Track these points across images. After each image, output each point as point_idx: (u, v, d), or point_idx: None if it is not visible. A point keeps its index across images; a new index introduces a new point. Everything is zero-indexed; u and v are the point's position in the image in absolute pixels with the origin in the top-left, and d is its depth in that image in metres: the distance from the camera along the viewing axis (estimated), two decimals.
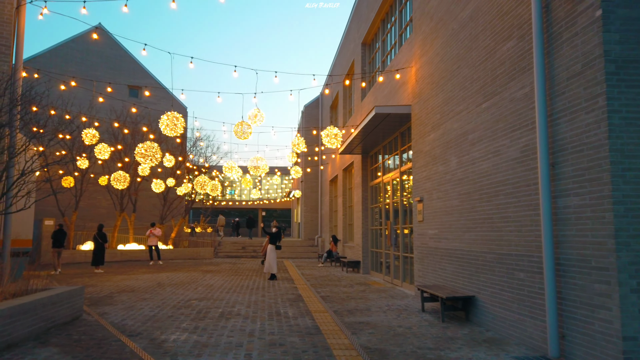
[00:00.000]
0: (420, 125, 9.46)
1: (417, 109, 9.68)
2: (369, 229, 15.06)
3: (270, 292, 10.52)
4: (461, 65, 7.50)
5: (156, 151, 10.98)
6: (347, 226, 19.15)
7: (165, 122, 8.60)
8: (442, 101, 8.26)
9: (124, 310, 7.91)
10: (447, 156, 7.98)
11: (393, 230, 12.26)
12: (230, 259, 22.43)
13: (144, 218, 25.39)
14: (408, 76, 10.31)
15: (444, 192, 8.14)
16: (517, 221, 5.72)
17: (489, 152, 6.48)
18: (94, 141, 11.01)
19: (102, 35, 26.85)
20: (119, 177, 16.11)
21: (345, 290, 10.83)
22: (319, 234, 26.07)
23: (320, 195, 26.29)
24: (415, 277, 9.70)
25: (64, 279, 12.98)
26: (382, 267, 13.38)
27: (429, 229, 8.86)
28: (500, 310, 6.15)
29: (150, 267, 17.02)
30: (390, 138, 12.58)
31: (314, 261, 20.77)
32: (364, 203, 15.15)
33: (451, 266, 7.80)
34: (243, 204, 46.81)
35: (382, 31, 13.94)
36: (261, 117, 9.53)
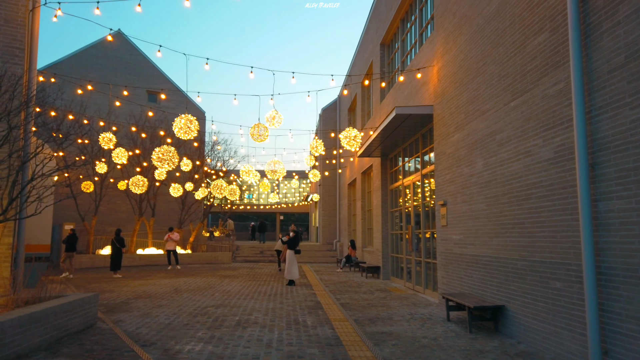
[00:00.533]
0: (443, 126, 9.10)
1: (439, 109, 9.33)
2: (389, 234, 14.70)
3: (288, 298, 10.26)
4: (487, 62, 7.14)
5: (173, 155, 10.85)
6: (366, 230, 18.80)
7: (179, 125, 8.43)
8: (467, 100, 7.90)
9: (140, 317, 7.74)
10: (473, 158, 7.61)
11: (414, 235, 11.88)
12: (248, 263, 22.28)
13: (162, 222, 25.46)
14: (429, 76, 9.96)
15: (469, 195, 7.77)
16: (552, 226, 5.34)
17: (519, 153, 6.11)
18: (111, 145, 10.95)
19: (121, 41, 27.12)
20: (137, 182, 16.11)
21: (365, 297, 10.50)
22: (337, 238, 25.75)
23: (339, 199, 25.99)
24: (439, 284, 9.32)
25: (82, 284, 12.95)
26: (403, 273, 13.00)
27: (454, 234, 8.49)
28: (533, 321, 5.76)
29: (168, 272, 16.96)
30: (410, 140, 12.22)
31: (332, 266, 20.46)
32: (383, 207, 14.80)
33: (478, 273, 7.41)
34: (261, 208, 46.79)
35: (402, 31, 13.62)
36: (279, 119, 9.29)
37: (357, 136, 9.87)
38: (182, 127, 8.37)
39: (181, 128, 8.39)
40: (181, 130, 8.46)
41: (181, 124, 8.38)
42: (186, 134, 8.54)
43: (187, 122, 8.34)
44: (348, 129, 9.83)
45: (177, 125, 8.47)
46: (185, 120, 8.35)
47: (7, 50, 6.52)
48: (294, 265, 12.91)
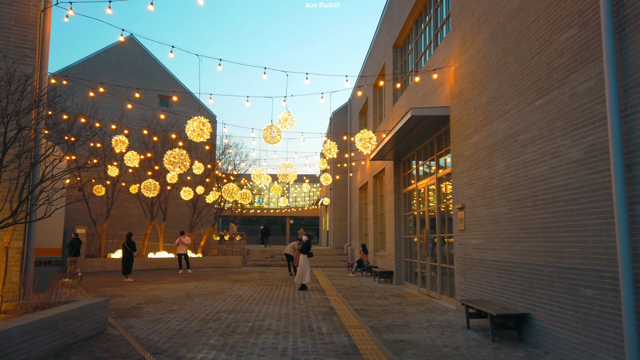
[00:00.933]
0: (460, 127, 8.86)
1: (456, 110, 9.09)
2: (402, 238, 14.43)
3: (301, 304, 10.05)
4: (508, 60, 6.89)
5: (184, 158, 10.72)
6: (378, 235, 18.53)
7: (191, 127, 8.28)
8: (487, 100, 7.66)
9: (151, 323, 7.58)
10: (493, 160, 7.36)
11: (429, 239, 11.61)
12: (258, 267, 22.11)
13: (173, 226, 25.43)
14: (446, 76, 9.73)
15: (489, 198, 7.51)
16: (582, 231, 5.07)
17: (544, 154, 5.85)
18: (123, 148, 10.86)
19: (133, 46, 27.24)
20: (149, 185, 16.04)
21: (379, 303, 10.24)
22: (348, 242, 25.49)
23: (349, 203, 25.75)
24: (456, 290, 9.04)
25: (93, 288, 12.86)
26: (417, 278, 12.72)
27: (472, 238, 8.22)
28: (561, 330, 5.48)
29: (179, 276, 16.84)
30: (425, 142, 11.98)
31: (343, 270, 20.20)
32: (396, 211, 14.54)
33: (499, 280, 7.14)
34: (271, 212, 46.67)
35: (415, 32, 13.40)
36: (292, 120, 9.11)
37: (372, 138, 9.64)
38: (194, 129, 8.21)
39: (194, 130, 8.23)
40: (194, 132, 8.30)
41: (194, 127, 8.23)
42: (199, 137, 8.40)
43: (199, 125, 8.19)
44: (363, 131, 9.61)
45: (190, 127, 8.32)
46: (198, 123, 8.20)
47: (17, 51, 6.42)
48: (307, 270, 12.74)
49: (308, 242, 13.36)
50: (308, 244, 13.24)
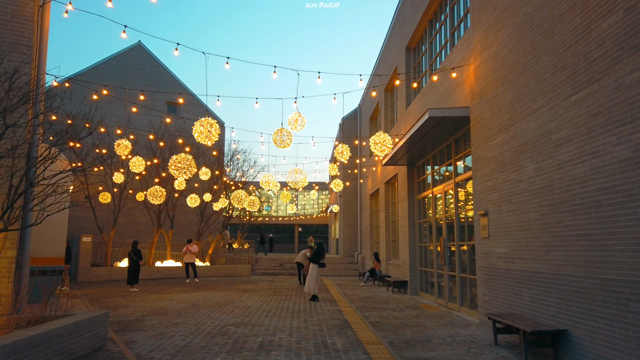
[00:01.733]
0: (482, 128, 8.34)
1: (477, 110, 8.57)
2: (416, 246, 13.86)
3: (313, 316, 9.52)
4: (538, 54, 6.39)
5: (190, 163, 10.30)
6: (390, 243, 17.96)
7: (198, 129, 7.84)
8: (512, 99, 7.14)
9: (154, 337, 7.10)
10: (521, 161, 6.82)
11: (447, 247, 11.05)
12: (267, 276, 21.59)
13: (181, 234, 25.03)
14: (465, 75, 9.23)
15: (517, 203, 6.96)
16: (632, 238, 4.52)
17: (583, 154, 5.31)
18: (126, 152, 10.47)
19: (141, 53, 27.09)
20: (155, 192, 15.65)
21: (396, 315, 9.68)
22: (358, 250, 24.91)
23: (360, 210, 25.20)
24: (480, 302, 8.46)
25: (97, 298, 12.43)
26: (434, 288, 12.13)
27: (497, 246, 7.66)
28: (606, 350, 4.91)
29: (186, 286, 16.37)
30: (441, 146, 11.46)
31: (354, 279, 19.62)
32: (410, 218, 13.99)
33: (530, 292, 6.57)
34: (279, 220, 46.22)
35: (430, 32, 12.94)
36: (302, 122, 8.64)
37: (388, 140, 9.12)
38: (202, 131, 7.76)
39: (201, 133, 7.79)
40: (201, 134, 7.86)
41: (201, 129, 7.79)
42: (206, 139, 7.96)
43: (207, 126, 7.75)
44: (378, 133, 9.10)
45: (197, 129, 7.88)
46: (205, 124, 7.75)
47: (13, 48, 6.05)
48: (314, 280, 12.17)
49: (319, 248, 12.75)
50: (318, 252, 12.65)
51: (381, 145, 9.09)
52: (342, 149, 10.57)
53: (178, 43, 7.23)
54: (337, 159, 10.62)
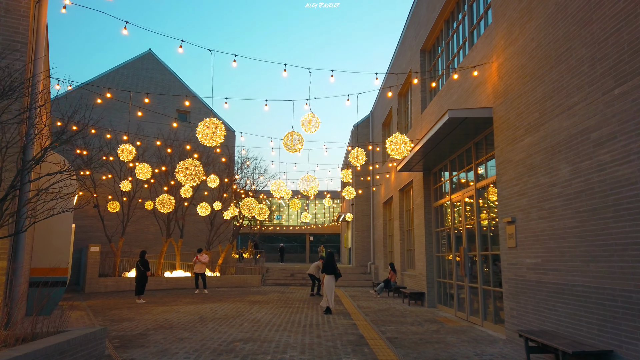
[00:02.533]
0: (507, 129, 7.78)
1: (501, 110, 8.02)
2: (433, 256, 13.24)
3: (326, 330, 8.96)
4: (573, 45, 5.84)
5: (198, 169, 9.87)
6: (405, 252, 17.33)
7: (202, 130, 7.35)
8: (543, 95, 6.59)
9: (156, 355, 6.60)
10: (554, 163, 6.25)
11: (467, 257, 10.44)
12: (278, 287, 21.04)
13: (190, 243, 24.64)
14: (487, 74, 8.70)
15: (549, 209, 6.38)
16: None
17: (630, 153, 4.74)
18: (130, 157, 10.07)
19: (151, 61, 26.99)
20: (164, 201, 15.26)
21: (414, 330, 9.08)
22: (371, 260, 24.27)
23: (373, 219, 24.59)
24: (506, 316, 7.84)
25: (102, 310, 12.00)
26: (453, 301, 11.49)
27: (527, 257, 7.06)
28: None
29: (194, 297, 15.90)
30: (460, 150, 10.90)
31: (367, 290, 18.99)
32: (427, 226, 13.39)
33: (566, 307, 5.96)
34: (290, 229, 45.74)
35: (446, 33, 12.44)
36: (316, 122, 8.13)
37: (407, 142, 8.56)
38: (206, 133, 7.28)
39: (205, 135, 7.31)
40: (205, 136, 7.38)
41: (205, 130, 7.32)
42: (211, 140, 7.49)
43: (212, 127, 7.28)
44: (396, 134, 8.54)
45: (201, 130, 7.41)
46: (210, 124, 7.28)
47: (7, 44, 5.68)
48: (330, 291, 11.62)
49: (329, 258, 12.17)
50: (330, 261, 12.07)
51: (399, 146, 8.49)
52: (357, 153, 10.02)
53: (182, 40, 6.84)
54: (352, 164, 10.07)
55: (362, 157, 10.06)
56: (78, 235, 22.43)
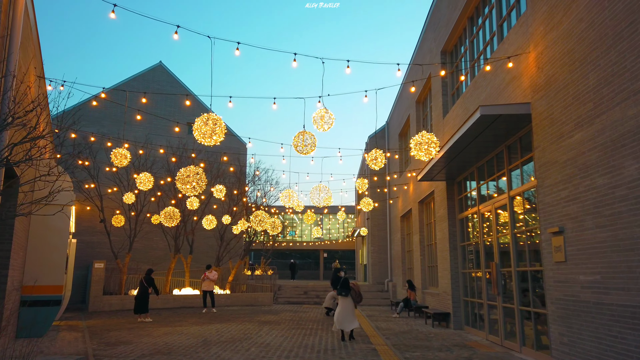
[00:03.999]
0: (550, 125, 6.79)
1: (542, 105, 7.04)
2: (459, 273, 12.13)
3: (342, 357, 7.92)
4: (637, 19, 4.88)
5: (200, 177, 9.03)
6: (426, 269, 16.20)
7: (200, 126, 6.44)
8: (597, 82, 5.61)
9: None
10: (616, 161, 5.23)
11: (500, 274, 9.35)
12: (290, 305, 19.96)
13: (200, 260, 23.76)
14: (522, 67, 7.75)
15: (611, 216, 5.34)
16: None
17: None
18: (124, 163, 9.26)
19: (162, 74, 26.60)
20: (170, 213, 14.47)
21: (443, 357, 7.98)
22: (389, 277, 23.07)
23: (389, 234, 23.48)
24: (554, 343, 6.72)
25: (100, 331, 11.11)
26: (484, 322, 10.35)
27: (581, 273, 5.99)
28: None
29: (201, 316, 14.94)
30: (488, 156, 9.90)
31: (385, 309, 17.82)
32: (451, 240, 12.32)
33: (638, 335, 4.88)
34: (304, 245, 44.67)
35: (470, 30, 11.55)
36: (330, 118, 7.19)
37: (434, 142, 7.54)
38: (205, 131, 6.37)
39: (203, 133, 6.39)
40: (204, 135, 6.44)
41: (202, 128, 6.41)
42: (209, 138, 6.60)
43: (210, 124, 6.37)
44: (421, 133, 7.52)
45: (198, 127, 6.50)
46: (208, 120, 6.37)
47: None
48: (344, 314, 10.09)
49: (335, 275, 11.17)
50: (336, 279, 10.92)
51: (426, 146, 7.46)
52: (375, 154, 9.04)
53: (178, 25, 6.06)
54: (370, 166, 9.10)
55: (381, 159, 9.04)
56: (85, 251, 21.73)
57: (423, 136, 7.35)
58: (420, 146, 7.31)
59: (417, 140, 7.43)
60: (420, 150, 7.25)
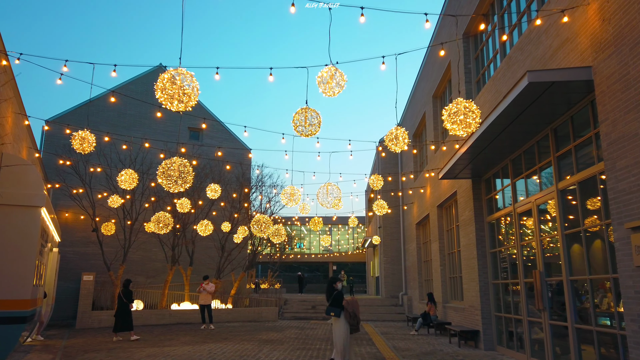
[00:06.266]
0: (625, 89, 5.25)
1: (610, 66, 5.51)
2: (489, 284, 10.49)
3: None
4: None
5: (186, 171, 7.58)
6: (447, 280, 14.54)
7: (164, 85, 4.85)
8: None
9: None
10: None
11: (545, 285, 7.74)
12: (297, 321, 18.31)
13: (199, 271, 22.25)
14: (578, 24, 6.24)
15: None
16: None
17: None
18: (88, 149, 7.77)
19: None
20: (162, 219, 13.00)
21: None
22: (403, 290, 21.36)
23: (403, 243, 21.82)
24: None
25: (76, 354, 9.61)
26: (524, 342, 8.67)
27: None
28: None
29: (197, 334, 13.39)
30: (527, 144, 8.37)
31: (401, 325, 16.11)
32: (479, 247, 10.71)
33: None
34: (312, 257, 43.03)
35: (499, 4, 10.10)
36: (340, 77, 5.63)
37: (475, 111, 5.82)
38: (171, 90, 4.83)
39: (170, 95, 4.83)
40: (170, 98, 4.90)
41: (168, 87, 4.84)
42: (178, 102, 5.08)
43: (179, 82, 4.82)
44: (457, 101, 5.86)
45: (162, 87, 4.91)
46: (176, 78, 4.82)
47: None
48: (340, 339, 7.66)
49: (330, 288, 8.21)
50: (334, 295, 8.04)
51: (463, 116, 5.71)
52: (396, 132, 7.45)
53: None
54: (390, 148, 7.54)
55: (404, 137, 7.40)
56: (79, 263, 20.31)
57: (459, 103, 5.76)
58: (455, 117, 5.67)
59: (450, 109, 5.80)
60: (456, 123, 5.61)
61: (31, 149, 11.72)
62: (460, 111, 5.67)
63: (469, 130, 5.67)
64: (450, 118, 5.72)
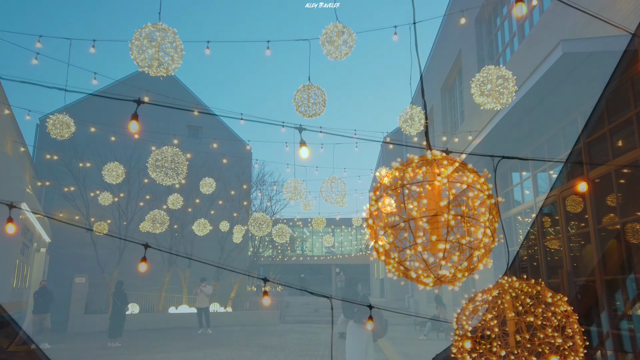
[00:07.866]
0: None
1: None
2: None
3: None
4: None
5: (179, 160, 6.88)
6: None
7: (141, 43, 4.11)
8: None
9: None
10: None
11: (573, 285, 6.98)
12: (299, 325, 17.56)
13: (198, 274, 21.49)
14: None
15: None
16: None
17: None
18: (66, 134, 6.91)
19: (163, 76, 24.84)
20: (156, 217, 12.28)
21: None
22: (409, 293, 20.59)
23: None
24: None
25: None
26: None
27: None
28: None
29: (192, 339, 12.65)
30: (550, 130, 7.64)
31: (408, 329, 15.35)
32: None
33: None
34: (314, 259, 42.27)
35: None
36: (350, 36, 4.86)
37: (511, 79, 4.99)
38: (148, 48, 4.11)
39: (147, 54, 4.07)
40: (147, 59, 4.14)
41: (145, 45, 4.11)
42: (160, 67, 4.37)
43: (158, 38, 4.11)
44: (486, 68, 5.03)
45: (139, 45, 4.20)
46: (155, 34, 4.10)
47: None
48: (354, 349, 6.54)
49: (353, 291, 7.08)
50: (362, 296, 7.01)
51: (498, 86, 4.86)
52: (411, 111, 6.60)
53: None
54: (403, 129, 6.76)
55: (419, 118, 6.55)
56: (73, 265, 19.57)
57: (488, 70, 4.93)
58: (486, 85, 4.82)
59: (479, 79, 4.95)
60: (491, 91, 4.75)
61: (17, 142, 11.05)
62: (493, 82, 4.85)
63: (503, 102, 4.86)
64: (481, 86, 4.89)
